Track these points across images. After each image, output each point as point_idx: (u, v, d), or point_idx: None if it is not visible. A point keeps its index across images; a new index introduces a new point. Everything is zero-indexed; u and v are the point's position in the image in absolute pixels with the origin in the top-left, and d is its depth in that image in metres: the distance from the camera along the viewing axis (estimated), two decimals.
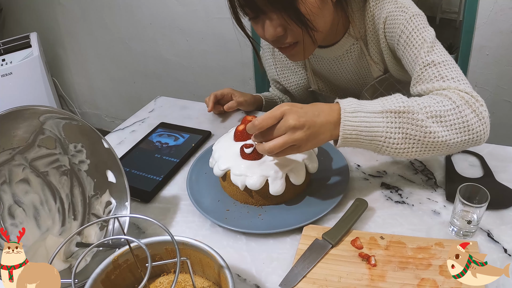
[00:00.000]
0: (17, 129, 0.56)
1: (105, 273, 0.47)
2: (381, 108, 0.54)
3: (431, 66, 0.60)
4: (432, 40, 0.63)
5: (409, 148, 0.54)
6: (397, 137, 0.53)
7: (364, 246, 0.57)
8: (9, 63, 1.92)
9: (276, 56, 0.91)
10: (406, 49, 0.64)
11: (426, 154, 0.56)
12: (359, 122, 0.53)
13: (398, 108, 0.53)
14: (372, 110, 0.54)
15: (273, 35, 0.66)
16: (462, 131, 0.55)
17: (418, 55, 0.62)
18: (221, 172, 0.65)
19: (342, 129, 0.53)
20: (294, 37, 0.67)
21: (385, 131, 0.53)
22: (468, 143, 0.56)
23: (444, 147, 0.55)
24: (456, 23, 3.36)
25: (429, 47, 0.61)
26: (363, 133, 0.53)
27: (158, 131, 0.91)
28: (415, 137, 0.54)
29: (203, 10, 1.72)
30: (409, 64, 0.64)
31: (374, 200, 0.65)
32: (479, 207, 0.54)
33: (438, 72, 0.60)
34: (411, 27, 0.64)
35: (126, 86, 2.20)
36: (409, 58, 0.64)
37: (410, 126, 0.53)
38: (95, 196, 0.63)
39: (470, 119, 0.55)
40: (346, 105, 0.55)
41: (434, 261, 0.53)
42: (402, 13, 0.66)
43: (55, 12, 2.10)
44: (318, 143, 0.55)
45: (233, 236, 0.62)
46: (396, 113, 0.53)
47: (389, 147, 0.54)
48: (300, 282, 0.52)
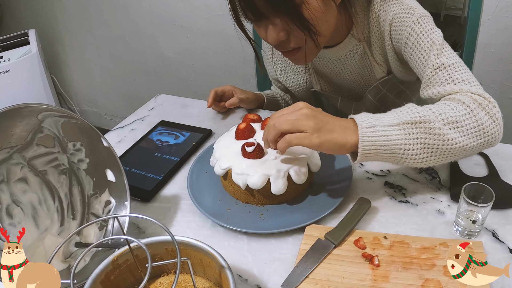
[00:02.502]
0: (15, 127, 0.55)
1: (104, 273, 0.47)
2: (397, 121, 0.54)
3: (441, 69, 0.60)
4: (440, 42, 0.62)
5: (428, 157, 0.55)
6: (416, 148, 0.53)
7: (367, 246, 0.56)
8: (7, 61, 1.91)
9: (276, 56, 0.90)
10: (415, 51, 0.64)
11: (444, 161, 0.56)
12: (377, 137, 0.53)
13: (414, 118, 0.54)
14: (388, 124, 0.54)
15: (276, 39, 0.65)
16: (478, 135, 0.55)
17: (427, 58, 0.62)
18: (222, 171, 0.64)
19: (361, 145, 0.53)
20: (297, 42, 0.66)
21: (404, 143, 0.53)
22: (484, 145, 0.57)
23: (462, 152, 0.56)
24: (461, 20, 3.36)
25: (438, 49, 0.61)
26: (382, 147, 0.54)
27: (158, 129, 0.90)
28: (433, 146, 0.54)
29: (204, 6, 1.71)
30: (418, 67, 0.64)
31: (377, 200, 0.65)
32: (484, 207, 0.54)
33: (449, 75, 0.60)
34: (418, 29, 0.63)
35: (125, 83, 2.19)
36: (418, 61, 0.63)
37: (428, 136, 0.54)
38: (94, 195, 0.63)
39: (484, 121, 0.56)
40: (362, 120, 0.55)
41: (438, 262, 0.53)
42: (408, 15, 0.65)
43: (54, 8, 2.09)
44: (331, 140, 0.54)
45: (234, 236, 0.62)
46: (413, 124, 0.53)
47: (408, 158, 0.55)
48: (302, 283, 0.52)
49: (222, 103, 0.91)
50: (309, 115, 0.53)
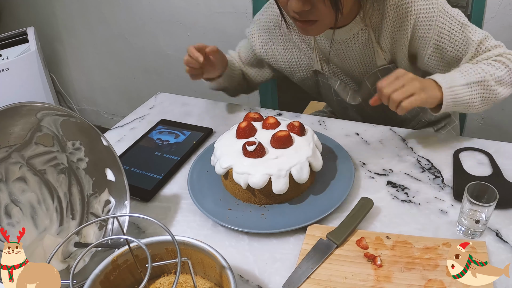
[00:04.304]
0: (13, 126, 0.55)
1: (104, 273, 0.47)
2: (465, 81, 0.71)
3: (480, 44, 0.76)
4: (465, 21, 0.76)
5: (483, 106, 0.73)
6: (477, 101, 0.72)
7: (370, 246, 0.56)
8: (5, 59, 1.90)
9: (284, 32, 0.89)
10: (452, 38, 0.76)
11: (489, 107, 0.75)
12: (455, 95, 0.70)
13: (478, 79, 0.71)
14: (460, 84, 0.70)
15: (300, 9, 0.67)
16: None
17: (466, 40, 0.76)
18: (223, 170, 0.64)
19: (445, 101, 0.69)
20: (318, 15, 0.69)
21: (471, 98, 0.71)
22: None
23: (503, 100, 0.75)
24: None
25: (467, 28, 0.75)
26: (458, 102, 0.71)
27: (159, 128, 0.90)
28: (488, 98, 0.73)
29: (204, 4, 1.70)
30: (460, 48, 0.77)
31: (379, 199, 0.65)
32: (488, 206, 0.54)
33: (486, 47, 0.76)
34: (447, 18, 0.74)
35: (125, 82, 2.18)
36: (459, 44, 0.77)
37: (487, 92, 0.72)
38: (94, 195, 0.63)
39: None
40: (442, 81, 0.70)
41: (441, 262, 0.53)
42: (433, 6, 0.73)
43: (53, 6, 2.08)
44: (431, 96, 0.69)
45: (235, 236, 0.61)
46: (477, 83, 0.71)
47: (471, 107, 0.72)
48: (304, 283, 0.52)
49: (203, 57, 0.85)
50: (413, 78, 0.67)
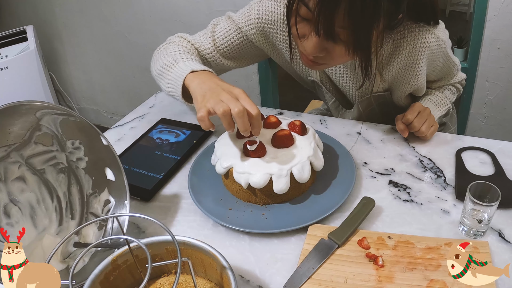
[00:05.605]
0: (12, 125, 0.55)
1: (103, 274, 0.47)
2: (440, 113, 0.86)
3: (456, 80, 0.89)
4: (458, 62, 0.86)
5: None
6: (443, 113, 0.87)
7: (371, 246, 0.56)
8: (4, 57, 1.90)
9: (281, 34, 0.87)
10: (444, 71, 0.85)
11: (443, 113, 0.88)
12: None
13: (445, 110, 0.87)
14: (438, 115, 0.85)
15: (314, 54, 0.64)
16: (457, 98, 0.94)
17: (452, 76, 0.88)
18: (223, 169, 0.64)
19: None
20: (329, 60, 0.66)
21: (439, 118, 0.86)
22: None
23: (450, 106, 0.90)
24: (466, 16, 3.34)
25: (457, 69, 0.87)
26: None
27: (159, 127, 0.89)
28: (449, 111, 0.90)
29: (205, 2, 1.70)
30: (443, 78, 0.88)
31: (381, 199, 0.64)
32: (490, 206, 0.54)
33: (453, 80, 0.89)
34: (447, 57, 0.80)
35: (125, 81, 2.18)
36: (446, 76, 0.88)
37: (446, 109, 0.88)
38: (94, 194, 0.62)
39: (459, 92, 0.93)
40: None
41: (443, 262, 0.53)
42: (440, 48, 0.74)
43: (52, 4, 2.07)
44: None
45: (236, 236, 0.61)
46: (444, 107, 0.87)
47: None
48: (305, 283, 0.52)
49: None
50: (429, 113, 0.78)
